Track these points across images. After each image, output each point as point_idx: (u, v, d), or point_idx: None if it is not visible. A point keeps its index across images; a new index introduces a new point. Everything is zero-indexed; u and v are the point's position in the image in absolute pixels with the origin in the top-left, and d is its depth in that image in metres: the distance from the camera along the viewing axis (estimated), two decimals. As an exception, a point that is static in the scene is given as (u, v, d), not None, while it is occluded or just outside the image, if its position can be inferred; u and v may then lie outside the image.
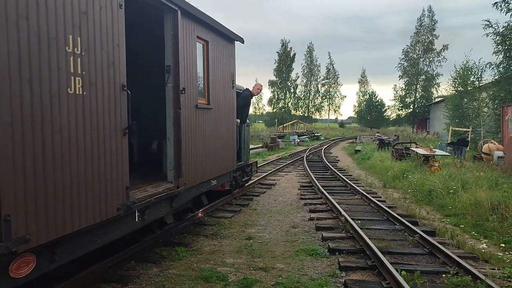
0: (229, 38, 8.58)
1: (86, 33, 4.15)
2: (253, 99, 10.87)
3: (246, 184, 11.72)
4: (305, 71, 75.92)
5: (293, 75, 72.99)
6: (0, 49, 3.18)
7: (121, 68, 4.77)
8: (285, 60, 71.27)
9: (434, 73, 60.40)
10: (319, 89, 77.09)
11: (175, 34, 6.07)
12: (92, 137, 4.26)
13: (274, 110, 71.38)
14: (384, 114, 76.56)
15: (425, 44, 60.30)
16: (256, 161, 12.58)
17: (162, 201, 5.91)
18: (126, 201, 4.86)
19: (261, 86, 10.98)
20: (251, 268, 6.04)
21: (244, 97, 10.30)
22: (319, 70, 76.87)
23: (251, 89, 10.61)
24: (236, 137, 9.28)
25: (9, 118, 3.26)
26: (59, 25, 3.79)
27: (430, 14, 60.51)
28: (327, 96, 77.37)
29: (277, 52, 71.74)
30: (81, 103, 4.09)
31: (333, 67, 77.25)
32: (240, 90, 10.04)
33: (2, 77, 3.19)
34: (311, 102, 76.94)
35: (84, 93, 4.13)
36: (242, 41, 9.19)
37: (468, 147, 20.88)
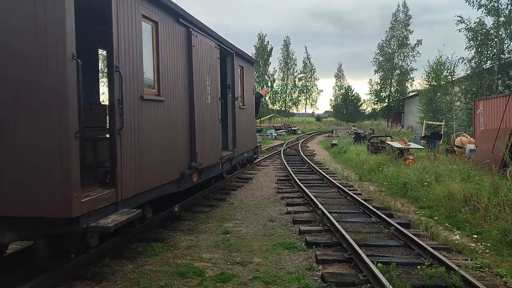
0: (251, 62, 13.65)
1: (211, 74, 8.83)
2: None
3: (255, 161, 16.22)
4: (282, 65, 75.94)
5: (270, 69, 73.02)
6: (190, 85, 7.66)
7: (219, 89, 9.49)
8: (262, 54, 71.01)
9: (409, 67, 61.26)
10: (296, 83, 77.34)
11: (232, 67, 10.89)
12: (210, 123, 8.75)
13: (252, 104, 71.20)
14: (360, 108, 77.38)
15: (400, 39, 61.10)
16: (261, 144, 17.11)
17: (228, 160, 10.60)
18: (220, 156, 9.61)
19: (268, 89, 18.55)
20: (228, 263, 5.99)
21: (257, 98, 14.15)
22: (295, 64, 77.01)
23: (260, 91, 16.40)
24: (254, 126, 14.26)
25: (199, 112, 7.95)
26: (204, 72, 8.41)
27: (405, 10, 61.35)
28: (304, 91, 77.68)
29: (254, 46, 71.47)
30: (209, 107, 8.72)
31: (309, 61, 77.40)
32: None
33: (192, 98, 7.69)
34: (288, 96, 77.14)
35: (210, 102, 8.77)
36: (258, 63, 16.40)
37: (441, 141, 21.28)
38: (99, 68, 9.68)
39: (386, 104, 61.73)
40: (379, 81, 63.34)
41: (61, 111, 4.29)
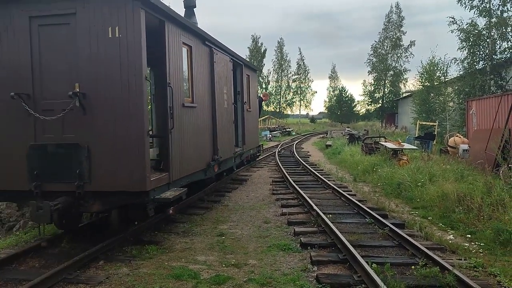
0: (255, 70, 16.01)
1: (227, 83, 10.78)
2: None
3: (258, 159, 17.83)
4: (276, 67, 76.01)
5: (264, 70, 73.03)
6: (212, 94, 9.56)
7: (232, 95, 11.54)
8: (256, 55, 71.06)
9: (402, 68, 61.65)
10: (290, 85, 77.42)
11: (241, 76, 12.81)
12: (227, 124, 10.75)
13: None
14: (354, 109, 77.63)
15: (393, 40, 61.43)
16: (262, 144, 18.53)
17: (239, 155, 12.50)
18: (234, 151, 11.59)
19: (268, 94, 21.74)
20: (223, 265, 5.99)
21: (259, 102, 16.26)
22: (289, 66, 77.15)
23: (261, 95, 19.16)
24: (258, 127, 16.87)
25: (219, 115, 9.95)
26: (222, 84, 10.31)
27: (398, 11, 61.71)
28: (298, 92, 77.79)
29: (248, 48, 71.53)
30: (226, 111, 10.71)
31: (303, 62, 77.54)
32: None
33: (214, 104, 9.60)
34: (283, 98, 77.23)
35: (226, 107, 10.73)
36: (260, 70, 19.40)
37: (435, 141, 21.36)
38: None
39: (380, 105, 62.01)
40: (372, 82, 63.65)
41: (138, 116, 6.03)
